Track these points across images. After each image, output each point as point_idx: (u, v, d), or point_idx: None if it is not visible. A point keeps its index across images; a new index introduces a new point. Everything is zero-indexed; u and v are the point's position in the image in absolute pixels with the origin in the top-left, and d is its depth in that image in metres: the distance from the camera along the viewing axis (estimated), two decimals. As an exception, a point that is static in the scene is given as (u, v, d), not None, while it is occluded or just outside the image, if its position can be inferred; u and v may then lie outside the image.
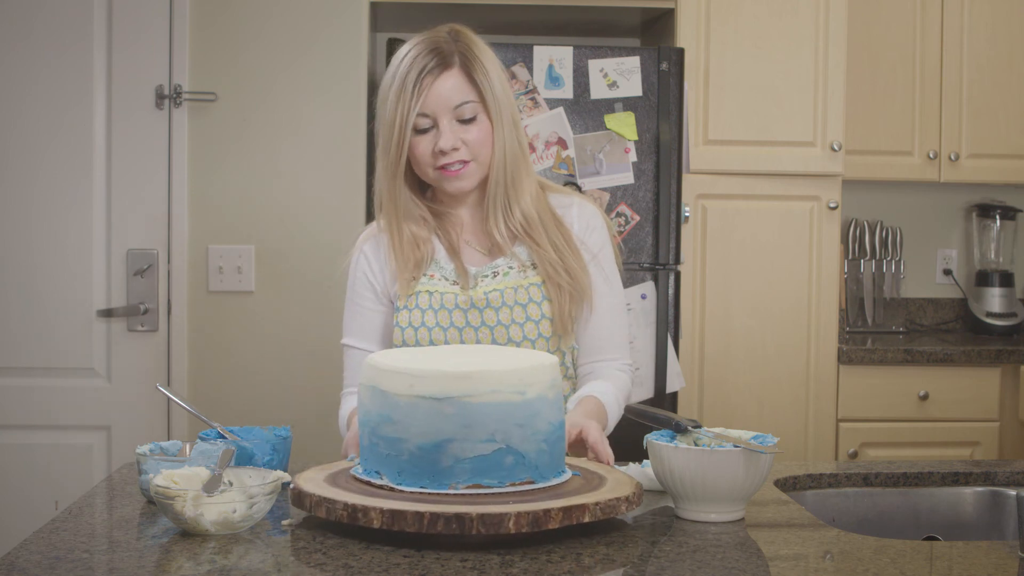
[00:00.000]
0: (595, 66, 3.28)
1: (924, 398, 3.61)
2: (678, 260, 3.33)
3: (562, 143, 3.27)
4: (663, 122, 3.29)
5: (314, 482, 1.62)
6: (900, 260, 4.09)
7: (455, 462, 1.55)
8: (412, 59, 1.98)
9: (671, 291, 3.32)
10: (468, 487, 1.55)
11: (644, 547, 1.52)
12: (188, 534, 1.54)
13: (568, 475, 1.65)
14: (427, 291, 2.03)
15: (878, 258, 4.08)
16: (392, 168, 2.02)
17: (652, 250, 3.31)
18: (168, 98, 3.36)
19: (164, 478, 1.58)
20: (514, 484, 1.56)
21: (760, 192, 3.58)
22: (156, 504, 1.58)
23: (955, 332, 4.16)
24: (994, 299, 4.08)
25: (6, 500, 3.35)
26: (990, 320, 4.06)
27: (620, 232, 3.28)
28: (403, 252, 2.04)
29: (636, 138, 3.29)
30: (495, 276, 2.04)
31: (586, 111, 3.28)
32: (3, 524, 3.31)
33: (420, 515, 1.46)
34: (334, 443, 2.90)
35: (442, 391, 1.54)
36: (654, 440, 1.67)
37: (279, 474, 1.63)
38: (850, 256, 4.07)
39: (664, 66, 3.30)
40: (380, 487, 1.58)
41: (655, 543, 1.54)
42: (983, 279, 4.12)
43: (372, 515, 1.48)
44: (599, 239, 2.12)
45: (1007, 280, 4.09)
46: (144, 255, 3.38)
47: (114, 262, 3.38)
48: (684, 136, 3.33)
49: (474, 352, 1.74)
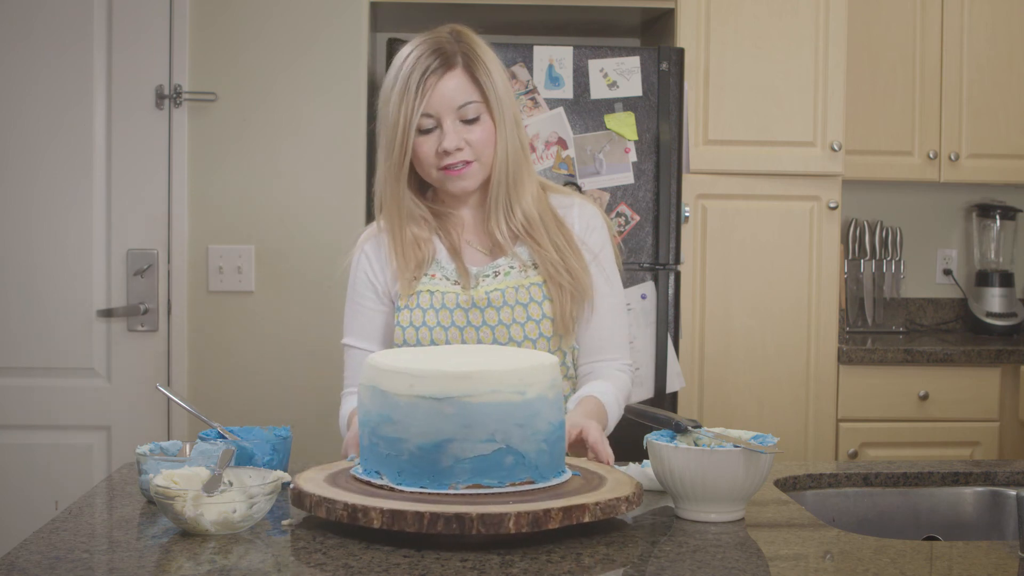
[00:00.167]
0: (595, 66, 3.28)
1: (924, 398, 3.61)
2: (678, 260, 3.33)
3: (562, 143, 3.27)
4: (663, 122, 3.29)
5: (314, 482, 1.62)
6: (900, 260, 4.09)
7: (455, 462, 1.55)
8: (415, 59, 1.98)
9: (671, 291, 3.32)
10: (468, 487, 1.55)
11: (644, 547, 1.52)
12: (188, 534, 1.54)
13: (568, 475, 1.65)
14: (428, 291, 2.03)
15: (878, 258, 4.08)
16: (395, 169, 2.01)
17: (652, 250, 3.31)
18: (168, 98, 3.36)
19: (164, 478, 1.58)
20: (514, 484, 1.56)
21: (760, 192, 3.58)
22: (156, 504, 1.58)
23: (955, 332, 4.16)
24: (994, 299, 4.08)
25: (6, 500, 3.35)
26: (990, 320, 4.06)
27: (620, 232, 3.28)
28: (404, 252, 2.04)
29: (636, 138, 3.29)
30: (496, 276, 2.04)
31: (586, 111, 3.28)
32: (3, 524, 3.31)
33: (420, 515, 1.46)
34: (334, 443, 2.90)
35: (442, 391, 1.54)
36: (654, 440, 1.67)
37: (279, 474, 1.63)
38: (850, 256, 4.07)
39: (664, 66, 3.30)
40: (380, 487, 1.58)
41: (655, 543, 1.54)
42: (983, 279, 4.12)
43: (372, 515, 1.48)
44: (600, 239, 2.12)
45: (1007, 280, 4.09)
46: (144, 255, 3.38)
47: (114, 262, 3.38)
48: (684, 136, 3.33)
49: (474, 352, 1.74)
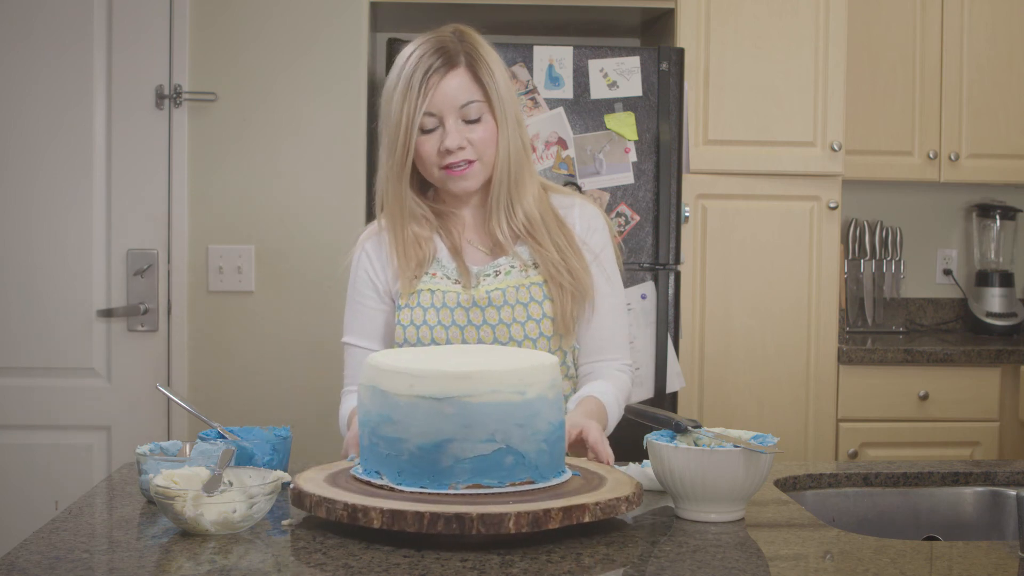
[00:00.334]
0: (595, 66, 3.28)
1: (924, 398, 3.61)
2: (678, 260, 3.33)
3: (562, 143, 3.27)
4: (663, 122, 3.29)
5: (314, 482, 1.62)
6: (900, 260, 4.09)
7: (455, 462, 1.55)
8: (418, 59, 1.98)
9: (671, 291, 3.32)
10: (468, 487, 1.55)
11: (644, 547, 1.52)
12: (188, 534, 1.54)
13: (568, 475, 1.65)
14: (429, 290, 2.03)
15: (878, 258, 4.08)
16: (398, 168, 2.01)
17: (652, 250, 3.31)
18: (168, 98, 3.36)
19: (164, 478, 1.58)
20: (514, 484, 1.56)
21: (760, 192, 3.58)
22: (156, 504, 1.58)
23: (955, 332, 4.16)
24: (994, 299, 4.08)
25: (6, 500, 3.35)
26: (990, 320, 4.06)
27: (620, 232, 3.28)
28: (405, 251, 2.04)
29: (636, 138, 3.29)
30: (497, 275, 2.04)
31: (586, 111, 3.28)
32: (3, 524, 3.31)
33: (420, 515, 1.46)
34: (334, 443, 2.90)
35: (442, 391, 1.54)
36: (654, 440, 1.67)
37: (279, 474, 1.63)
38: (850, 256, 4.07)
39: (664, 66, 3.30)
40: (380, 487, 1.58)
41: (655, 543, 1.54)
42: (983, 279, 4.12)
43: (372, 515, 1.48)
44: (601, 239, 2.12)
45: (1007, 280, 4.09)
46: (144, 255, 3.38)
47: (114, 262, 3.38)
48: (684, 136, 3.33)
49: (474, 352, 1.74)
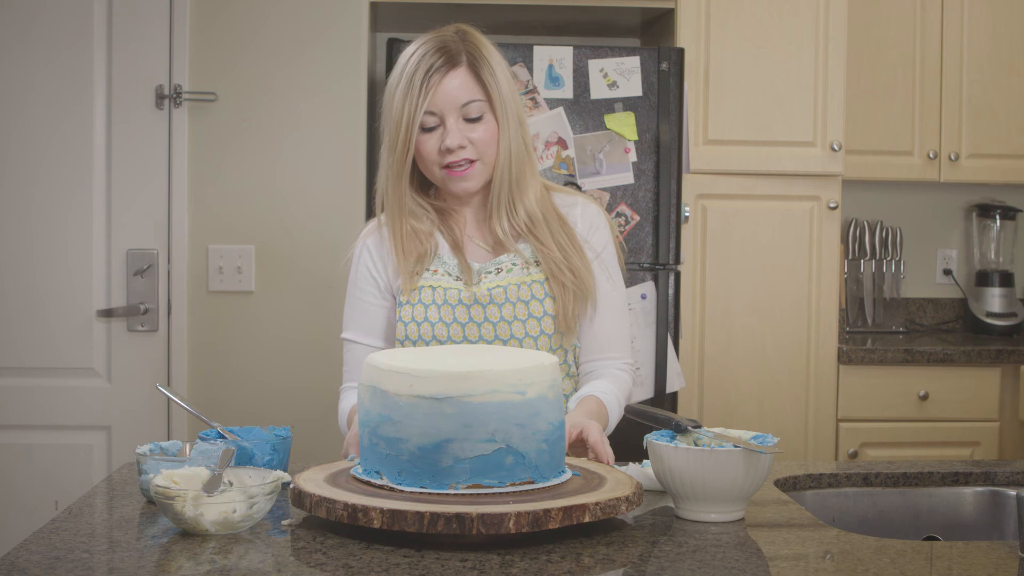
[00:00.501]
0: (595, 66, 3.28)
1: (924, 398, 3.61)
2: (678, 260, 3.33)
3: (562, 143, 3.27)
4: (663, 122, 3.29)
5: (314, 482, 1.62)
6: (900, 260, 4.09)
7: (455, 462, 1.54)
8: (420, 58, 1.98)
9: (671, 291, 3.32)
10: (468, 487, 1.55)
11: (644, 547, 1.52)
12: (188, 534, 1.54)
13: (568, 475, 1.65)
14: (430, 286, 2.03)
15: (878, 258, 4.08)
16: (398, 167, 2.01)
17: (652, 250, 3.31)
18: (168, 98, 3.36)
19: (164, 478, 1.58)
20: (514, 484, 1.56)
21: (760, 192, 3.58)
22: (156, 504, 1.58)
23: (955, 332, 4.16)
24: (994, 299, 4.08)
25: (6, 500, 3.35)
26: (990, 320, 4.06)
27: (620, 232, 3.28)
28: (405, 246, 2.04)
29: (636, 138, 3.29)
30: (498, 272, 2.04)
31: (586, 111, 3.28)
32: (3, 524, 3.31)
33: (420, 515, 1.45)
34: (334, 443, 2.90)
35: (442, 391, 1.54)
36: (654, 440, 1.67)
37: (279, 474, 1.63)
38: (850, 256, 4.07)
39: (664, 66, 3.29)
40: (380, 487, 1.58)
41: (655, 543, 1.54)
42: (983, 279, 4.12)
43: (372, 515, 1.48)
44: (602, 238, 2.12)
45: (1007, 280, 4.09)
46: (144, 255, 3.38)
47: (114, 262, 3.38)
48: (684, 136, 3.33)
49: (474, 352, 1.74)
